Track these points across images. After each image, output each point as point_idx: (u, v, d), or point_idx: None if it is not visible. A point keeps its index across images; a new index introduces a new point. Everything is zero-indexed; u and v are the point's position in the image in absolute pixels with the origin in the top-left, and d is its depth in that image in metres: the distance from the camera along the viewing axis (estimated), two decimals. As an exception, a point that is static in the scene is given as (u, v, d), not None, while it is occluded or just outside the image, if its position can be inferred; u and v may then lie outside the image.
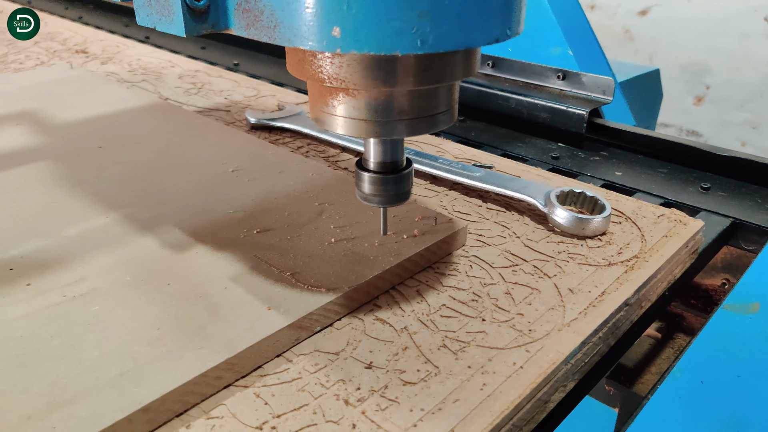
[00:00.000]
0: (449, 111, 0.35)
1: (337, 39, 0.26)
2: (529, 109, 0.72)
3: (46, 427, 0.28)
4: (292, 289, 0.38)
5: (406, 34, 0.26)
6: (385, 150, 0.37)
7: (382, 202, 0.38)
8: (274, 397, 0.32)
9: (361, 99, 0.32)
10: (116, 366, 0.32)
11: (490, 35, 0.28)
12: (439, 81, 0.32)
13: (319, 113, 0.34)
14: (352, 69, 0.30)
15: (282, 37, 0.27)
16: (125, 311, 0.36)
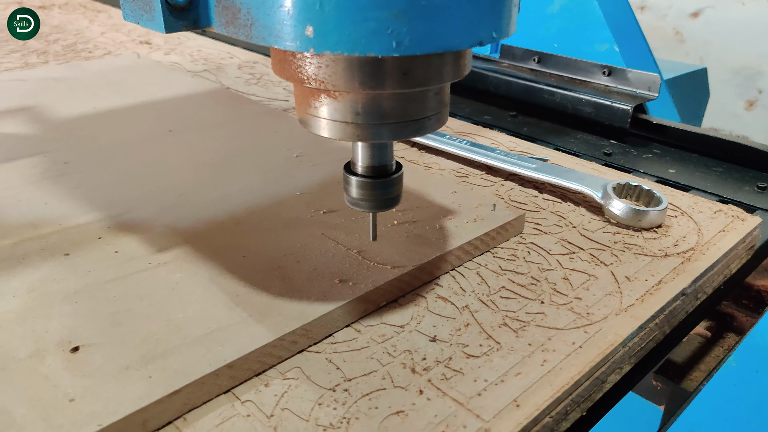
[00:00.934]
0: (438, 114, 0.34)
1: (310, 39, 0.25)
2: (574, 104, 0.72)
3: (143, 376, 0.31)
4: (359, 265, 0.40)
5: (381, 34, 0.25)
6: (373, 153, 0.36)
7: (371, 207, 0.37)
8: (345, 362, 0.34)
9: (343, 101, 0.31)
10: (201, 327, 0.34)
11: (473, 37, 0.27)
12: (425, 84, 0.30)
13: (304, 115, 0.33)
14: (331, 70, 0.29)
15: (258, 36, 0.27)
16: (205, 279, 0.39)
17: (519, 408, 0.31)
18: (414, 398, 0.32)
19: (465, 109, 0.79)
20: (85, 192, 0.49)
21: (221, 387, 0.32)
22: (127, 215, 0.46)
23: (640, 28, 1.07)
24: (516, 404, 0.32)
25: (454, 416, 0.31)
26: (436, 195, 0.50)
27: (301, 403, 0.32)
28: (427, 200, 0.49)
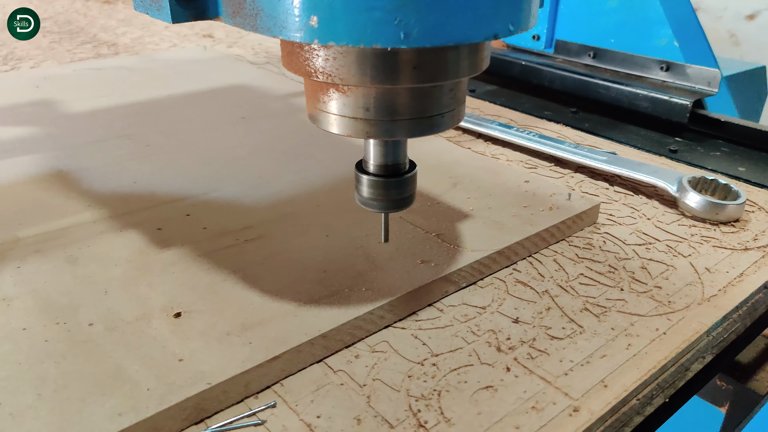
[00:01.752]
0: (453, 112, 0.32)
1: (314, 29, 0.24)
2: (630, 99, 0.72)
3: (244, 342, 0.32)
4: (439, 247, 0.41)
5: (388, 25, 0.24)
6: (386, 151, 0.34)
7: (383, 207, 0.35)
8: (430, 339, 0.35)
9: (352, 96, 0.30)
10: (293, 298, 0.36)
11: (487, 30, 0.26)
12: (437, 79, 0.29)
13: (313, 110, 0.32)
14: (339, 63, 0.28)
15: (263, 27, 0.26)
16: (293, 255, 0.40)
17: (607, 388, 0.32)
18: (502, 375, 0.33)
19: (524, 105, 0.79)
20: (169, 173, 0.51)
21: (315, 356, 0.33)
22: (211, 195, 0.48)
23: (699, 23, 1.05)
24: (604, 384, 0.32)
25: (543, 393, 0.32)
26: (509, 184, 0.50)
27: (392, 374, 0.33)
28: (501, 188, 0.49)
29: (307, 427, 0.29)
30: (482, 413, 0.30)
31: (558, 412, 0.30)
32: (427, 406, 0.31)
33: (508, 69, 0.84)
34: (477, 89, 0.84)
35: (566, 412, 0.30)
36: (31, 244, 0.41)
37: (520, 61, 0.83)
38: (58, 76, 0.79)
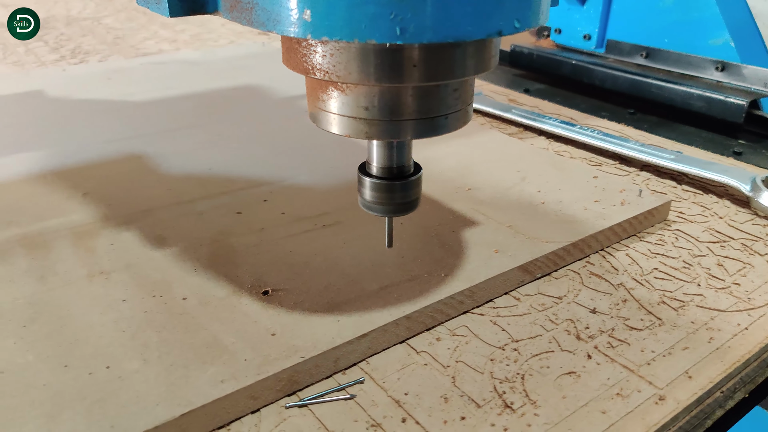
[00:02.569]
0: (458, 113, 0.30)
1: (308, 23, 0.23)
2: (685, 98, 0.71)
3: (332, 320, 0.33)
4: (513, 238, 0.42)
5: (383, 19, 0.23)
6: (390, 153, 0.33)
7: (387, 211, 0.34)
8: (509, 325, 0.36)
9: (351, 94, 0.29)
10: (375, 281, 0.37)
11: (490, 26, 0.24)
12: (439, 78, 0.27)
13: (313, 109, 0.31)
14: (336, 59, 0.27)
15: (258, 21, 0.25)
16: (370, 240, 0.41)
17: (692, 379, 0.32)
18: (583, 362, 0.33)
19: (580, 105, 0.79)
20: (242, 161, 0.53)
21: (399, 336, 0.34)
22: (287, 182, 0.49)
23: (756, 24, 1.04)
24: (688, 375, 0.32)
25: (626, 381, 0.32)
26: (578, 179, 0.50)
27: (474, 357, 0.33)
28: (570, 183, 0.50)
29: (396, 403, 0.30)
30: (567, 397, 0.31)
31: (643, 399, 0.31)
32: (511, 388, 0.31)
33: (557, 68, 0.84)
34: (528, 88, 0.84)
35: (651, 400, 0.31)
36: (121, 223, 0.43)
37: (571, 60, 0.83)
38: (126, 69, 0.82)
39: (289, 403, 0.30)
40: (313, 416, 0.30)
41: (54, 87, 0.74)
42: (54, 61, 0.92)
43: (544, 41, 0.95)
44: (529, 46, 0.91)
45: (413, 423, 0.29)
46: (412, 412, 0.30)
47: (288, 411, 0.30)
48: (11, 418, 0.27)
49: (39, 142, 0.57)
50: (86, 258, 0.39)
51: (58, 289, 0.36)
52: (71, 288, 0.36)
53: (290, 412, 0.30)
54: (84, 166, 0.52)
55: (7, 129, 0.60)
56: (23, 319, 0.33)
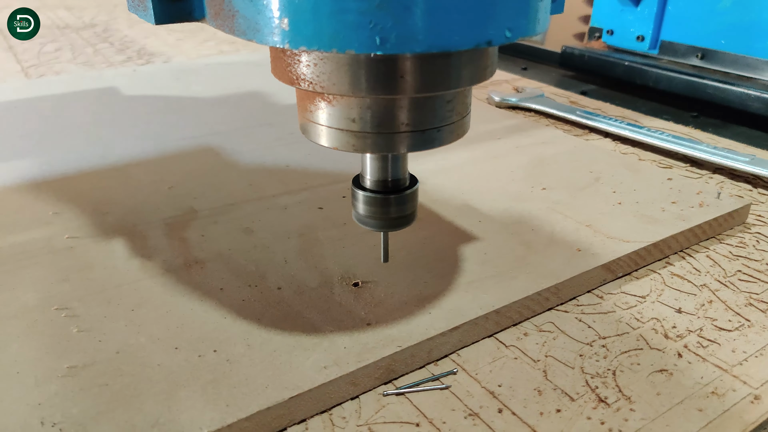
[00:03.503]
0: (452, 125, 0.29)
1: (286, 32, 0.22)
2: (743, 100, 0.70)
3: (423, 312, 0.34)
4: (593, 237, 0.42)
5: (362, 29, 0.21)
6: (384, 165, 0.32)
7: (381, 226, 0.33)
8: (595, 323, 0.36)
9: (337, 106, 0.28)
10: (461, 276, 0.38)
11: (478, 36, 0.23)
12: (429, 89, 0.26)
13: (302, 120, 0.30)
14: (319, 69, 0.26)
15: (239, 29, 0.24)
16: (450, 237, 0.42)
17: (787, 380, 0.32)
18: (674, 360, 0.33)
19: (641, 108, 0.78)
20: (319, 158, 0.54)
21: (488, 330, 0.35)
22: (361, 179, 0.50)
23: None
24: (783, 376, 0.32)
25: (720, 380, 0.32)
26: (652, 181, 0.50)
27: (564, 352, 0.34)
28: (644, 184, 0.49)
29: (490, 394, 0.31)
30: (662, 394, 0.31)
31: (739, 399, 0.31)
32: (603, 383, 0.32)
33: (610, 70, 0.84)
34: (582, 90, 0.84)
35: (747, 399, 0.31)
36: (208, 216, 0.45)
37: (623, 61, 0.82)
38: (192, 69, 0.85)
39: (387, 391, 0.31)
40: (410, 404, 0.31)
41: (126, 86, 0.76)
42: (121, 61, 0.96)
43: (594, 42, 0.95)
44: (581, 47, 0.91)
45: (509, 414, 0.30)
46: (507, 403, 0.31)
47: (386, 398, 0.31)
48: (132, 394, 0.29)
49: (120, 137, 0.59)
50: (180, 248, 0.41)
51: (158, 277, 0.37)
52: (171, 276, 0.38)
53: (388, 399, 0.31)
54: (166, 161, 0.54)
55: (90, 125, 0.63)
56: (130, 304, 0.35)
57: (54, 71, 0.89)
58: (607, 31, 0.92)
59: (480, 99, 0.75)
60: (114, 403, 0.28)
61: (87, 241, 0.41)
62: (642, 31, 0.88)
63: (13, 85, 0.79)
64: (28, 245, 0.41)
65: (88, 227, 0.43)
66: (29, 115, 0.67)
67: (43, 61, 0.96)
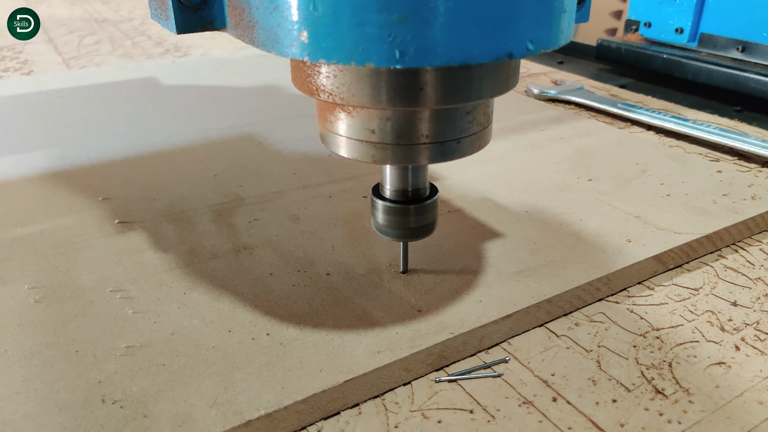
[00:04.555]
0: (472, 137, 0.29)
1: (305, 44, 0.22)
2: None
3: (474, 300, 0.34)
4: (643, 228, 0.41)
5: (381, 42, 0.21)
6: (405, 175, 0.31)
7: (400, 236, 0.33)
8: (647, 314, 0.36)
9: (357, 117, 0.27)
10: (510, 265, 0.37)
11: (498, 49, 0.22)
12: (448, 101, 0.26)
13: (322, 129, 0.30)
14: (339, 81, 0.26)
15: (258, 40, 0.24)
16: (497, 227, 0.41)
17: None
18: (731, 353, 0.33)
19: (682, 101, 0.77)
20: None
21: (538, 320, 0.35)
22: (404, 169, 0.50)
23: None
24: None
25: (781, 374, 0.31)
26: (701, 173, 0.49)
27: (617, 343, 0.33)
28: (693, 177, 0.49)
29: (544, 383, 0.31)
30: (720, 387, 0.30)
31: (802, 393, 0.30)
32: (659, 375, 0.31)
33: (648, 63, 0.82)
34: (611, 82, 0.83)
35: (810, 394, 0.30)
36: (255, 203, 0.45)
37: (662, 54, 0.81)
38: (230, 60, 0.86)
39: (440, 377, 0.31)
40: (463, 391, 0.30)
41: (166, 76, 0.77)
42: (159, 54, 0.97)
43: (631, 35, 0.93)
44: (617, 40, 0.89)
45: (564, 402, 0.30)
46: (561, 392, 0.30)
47: (438, 385, 0.31)
48: (189, 374, 0.29)
49: (163, 126, 0.60)
50: (228, 234, 0.41)
51: (209, 261, 0.38)
52: (221, 261, 0.38)
53: (440, 386, 0.31)
54: (209, 149, 0.55)
55: (133, 114, 0.64)
56: (182, 287, 0.35)
57: (95, 63, 0.91)
58: (645, 24, 0.90)
59: (518, 91, 0.75)
60: (172, 382, 0.29)
61: (137, 226, 0.42)
62: (681, 23, 0.86)
63: (57, 76, 0.80)
64: (81, 229, 0.42)
65: (137, 213, 0.44)
66: (74, 104, 0.68)
67: (84, 53, 0.98)
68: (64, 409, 0.27)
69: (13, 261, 0.38)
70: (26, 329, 0.32)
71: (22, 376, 0.29)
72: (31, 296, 0.35)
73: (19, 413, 0.27)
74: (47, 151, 0.55)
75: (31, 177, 0.50)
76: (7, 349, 0.31)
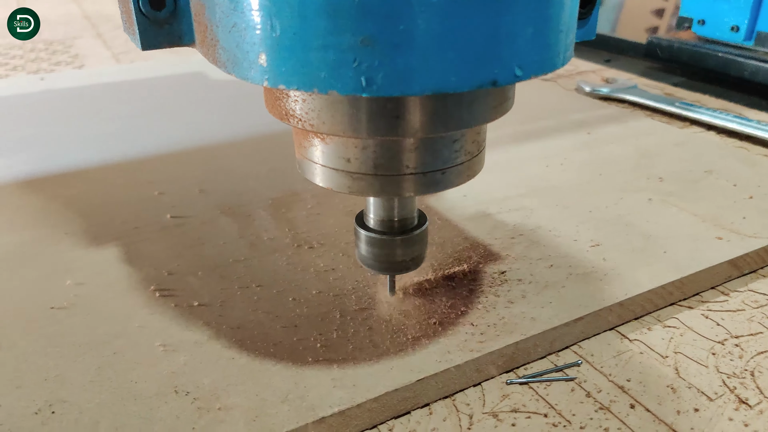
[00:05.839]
0: (460, 166, 0.26)
1: (264, 68, 0.20)
2: None
3: (544, 302, 0.33)
4: (715, 231, 0.40)
5: (345, 68, 0.19)
6: (390, 204, 0.29)
7: (385, 269, 0.30)
8: (723, 320, 0.34)
9: (331, 144, 0.25)
10: (580, 267, 0.36)
11: (481, 76, 0.20)
12: (429, 131, 0.23)
13: (299, 156, 0.28)
14: (308, 106, 0.23)
15: (220, 60, 0.22)
16: (563, 227, 0.40)
17: None
18: (818, 363, 0.31)
19: (740, 101, 0.74)
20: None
21: (609, 323, 0.33)
22: (460, 166, 0.49)
23: None
24: None
25: None
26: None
27: (694, 350, 0.32)
28: (765, 179, 0.47)
29: (620, 388, 0.30)
30: (809, 399, 0.29)
31: None
32: (742, 384, 0.30)
33: (701, 61, 0.79)
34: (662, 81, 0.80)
35: None
36: (311, 198, 0.45)
37: (716, 52, 0.78)
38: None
39: (510, 380, 0.30)
40: (535, 394, 0.29)
41: (215, 71, 0.78)
42: (204, 49, 0.98)
43: (682, 33, 0.91)
44: (669, 38, 0.87)
45: (643, 410, 0.28)
46: (639, 398, 0.29)
47: (509, 387, 0.30)
48: (258, 369, 0.29)
49: (211, 120, 0.60)
50: (286, 228, 0.41)
51: (269, 255, 0.38)
52: (281, 255, 0.38)
53: (512, 388, 0.30)
54: (260, 144, 0.55)
55: (183, 108, 0.64)
56: (245, 281, 0.35)
57: (142, 57, 0.92)
58: (698, 21, 0.87)
59: (568, 89, 0.73)
60: (243, 376, 0.28)
61: (194, 220, 0.42)
62: (737, 21, 0.84)
63: (108, 70, 0.81)
64: (139, 222, 0.42)
65: (193, 206, 0.44)
66: (125, 97, 0.69)
67: (132, 48, 0.99)
68: (139, 399, 0.27)
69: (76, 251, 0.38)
70: (94, 318, 0.32)
71: (96, 364, 0.29)
72: (98, 285, 0.35)
73: (94, 402, 0.27)
74: (101, 145, 0.55)
75: (88, 169, 0.50)
76: (77, 337, 0.31)
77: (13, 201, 0.45)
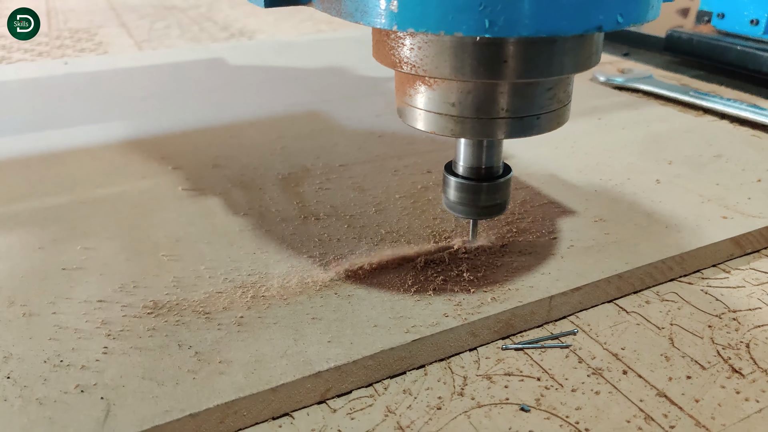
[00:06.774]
0: (551, 114, 0.28)
1: (394, 14, 0.22)
2: None
3: (544, 272, 0.34)
4: (719, 210, 0.40)
5: (471, 11, 0.21)
6: (479, 153, 0.31)
7: (470, 213, 0.33)
8: (723, 296, 0.34)
9: (438, 89, 0.27)
10: (582, 241, 0.37)
11: (588, 20, 0.22)
12: (531, 75, 0.26)
13: (400, 103, 0.30)
14: (423, 53, 0.26)
15: (346, 12, 0.24)
16: (569, 204, 0.41)
17: None
18: (815, 338, 0.31)
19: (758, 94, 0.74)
20: (422, 126, 0.54)
21: (608, 295, 0.34)
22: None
23: None
24: None
25: None
26: None
27: (690, 322, 0.32)
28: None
29: (614, 356, 0.30)
30: (803, 370, 0.29)
31: None
32: (736, 355, 0.30)
33: (720, 54, 0.79)
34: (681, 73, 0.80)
35: None
36: (321, 174, 0.46)
37: (736, 46, 0.77)
38: (294, 44, 0.87)
39: (506, 345, 0.31)
40: (530, 359, 0.30)
41: (233, 57, 0.79)
42: (225, 38, 1.00)
43: (702, 27, 0.90)
44: (688, 31, 0.86)
45: (635, 376, 0.29)
46: (632, 365, 0.29)
47: (505, 352, 0.31)
48: (260, 327, 0.30)
49: (231, 101, 0.62)
50: (296, 201, 0.42)
51: (277, 225, 0.39)
52: (289, 225, 0.39)
53: (507, 353, 0.31)
54: (276, 123, 0.56)
55: (203, 90, 0.66)
56: (252, 248, 0.36)
57: (165, 46, 0.94)
58: (718, 15, 0.86)
59: (584, 79, 0.73)
60: (245, 333, 0.29)
61: (208, 192, 0.43)
62: (757, 14, 0.83)
63: (130, 56, 0.83)
64: (155, 191, 0.43)
65: (208, 179, 0.45)
66: (147, 81, 0.70)
67: (154, 36, 1.01)
68: (144, 351, 0.28)
69: (95, 218, 0.40)
70: (108, 278, 0.33)
71: (103, 318, 0.30)
72: (110, 249, 0.36)
73: (101, 351, 0.28)
74: (123, 122, 0.57)
75: (109, 144, 0.52)
76: (90, 294, 0.32)
77: (41, 171, 0.47)
